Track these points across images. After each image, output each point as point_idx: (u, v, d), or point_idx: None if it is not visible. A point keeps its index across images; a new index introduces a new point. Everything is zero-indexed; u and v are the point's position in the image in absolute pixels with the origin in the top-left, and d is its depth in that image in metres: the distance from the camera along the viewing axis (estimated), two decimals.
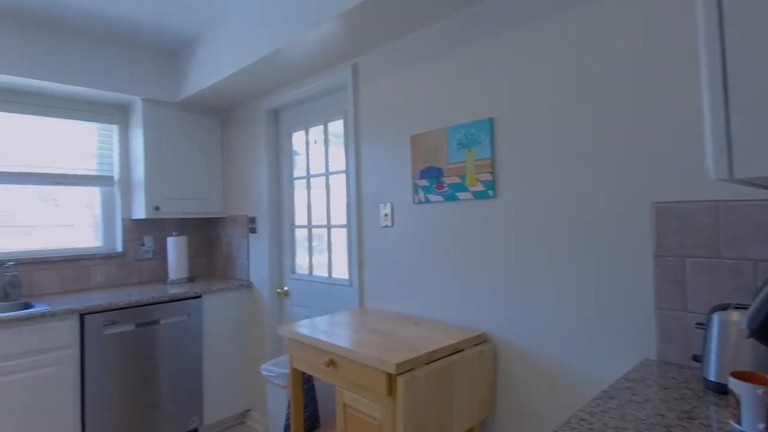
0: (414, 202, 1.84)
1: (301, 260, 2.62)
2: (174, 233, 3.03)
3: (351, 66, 2.11)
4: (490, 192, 1.55)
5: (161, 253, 3.04)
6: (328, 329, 1.69)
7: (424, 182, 1.77)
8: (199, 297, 2.59)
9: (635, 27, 1.24)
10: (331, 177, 2.41)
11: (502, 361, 1.55)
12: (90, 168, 2.80)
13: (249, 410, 2.83)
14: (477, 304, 1.63)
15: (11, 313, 2.00)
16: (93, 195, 2.84)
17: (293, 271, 2.65)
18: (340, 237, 2.36)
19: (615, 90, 1.28)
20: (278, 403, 2.05)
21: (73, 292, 2.62)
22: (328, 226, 2.41)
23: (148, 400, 2.37)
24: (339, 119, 2.34)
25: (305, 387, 1.84)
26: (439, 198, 1.72)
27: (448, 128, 1.68)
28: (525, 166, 1.48)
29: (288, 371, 2.03)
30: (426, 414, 1.32)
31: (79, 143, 2.76)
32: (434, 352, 1.39)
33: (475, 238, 1.63)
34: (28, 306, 2.30)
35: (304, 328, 1.72)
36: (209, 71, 2.52)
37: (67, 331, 2.13)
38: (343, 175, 2.32)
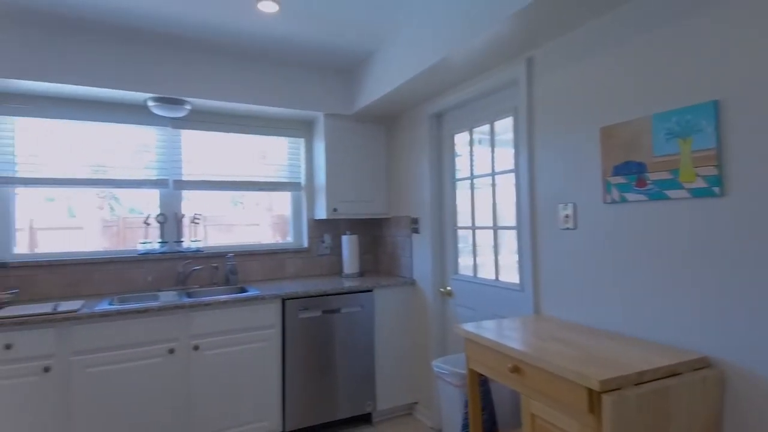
0: (605, 202, 1.65)
1: (465, 261, 2.62)
2: (347, 232, 3.36)
3: (525, 60, 2.02)
4: (716, 189, 1.30)
5: (337, 249, 3.40)
6: (506, 333, 1.64)
7: (620, 179, 1.58)
8: (370, 291, 2.81)
9: None
10: (497, 177, 2.35)
11: (732, 391, 1.28)
12: (282, 176, 3.29)
13: (416, 403, 2.95)
14: (697, 323, 1.38)
15: (233, 296, 2.47)
16: (273, 198, 3.33)
17: (456, 272, 2.67)
18: (506, 239, 2.28)
19: None
20: (452, 402, 2.08)
21: (272, 280, 3.12)
22: (494, 228, 2.36)
23: (330, 380, 2.67)
24: (507, 117, 2.26)
25: (481, 389, 1.83)
26: (641, 197, 1.51)
27: (652, 116, 1.47)
28: None
29: (462, 371, 2.04)
30: None
31: (275, 155, 3.27)
32: (644, 372, 1.22)
33: (694, 243, 1.38)
34: (243, 290, 2.81)
35: (481, 330, 1.71)
36: (378, 84, 2.71)
37: (272, 313, 2.54)
38: (510, 175, 2.23)
